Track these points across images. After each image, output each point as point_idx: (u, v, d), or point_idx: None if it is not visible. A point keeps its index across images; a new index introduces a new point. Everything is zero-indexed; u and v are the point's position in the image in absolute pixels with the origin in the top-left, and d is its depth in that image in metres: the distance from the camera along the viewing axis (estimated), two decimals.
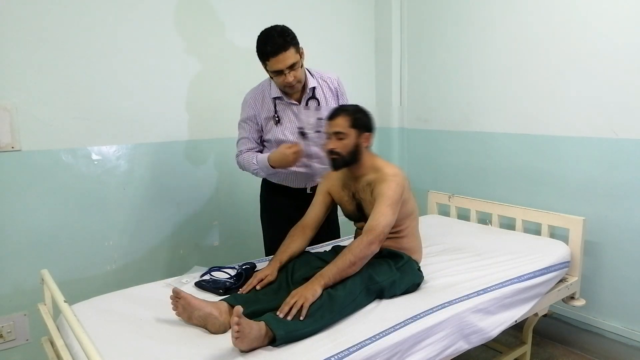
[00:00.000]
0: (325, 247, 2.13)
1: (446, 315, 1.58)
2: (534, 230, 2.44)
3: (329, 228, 2.18)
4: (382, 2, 3.16)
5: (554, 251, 2.12)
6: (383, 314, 1.56)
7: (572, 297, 2.23)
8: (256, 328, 1.33)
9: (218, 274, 1.89)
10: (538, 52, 2.45)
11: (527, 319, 2.13)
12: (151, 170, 2.43)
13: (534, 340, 2.39)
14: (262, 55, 1.86)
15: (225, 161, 2.58)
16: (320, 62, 2.44)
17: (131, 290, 1.77)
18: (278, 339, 1.35)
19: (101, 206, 2.28)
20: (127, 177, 2.35)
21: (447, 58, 2.90)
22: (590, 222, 2.27)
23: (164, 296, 1.60)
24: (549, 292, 2.04)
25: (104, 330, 1.45)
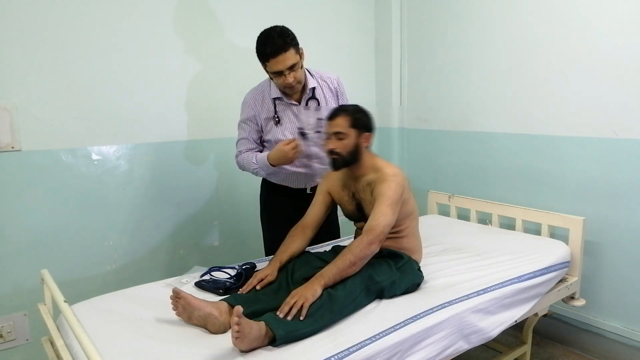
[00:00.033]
0: (325, 247, 2.13)
1: (446, 315, 1.58)
2: (534, 230, 2.44)
3: (329, 228, 2.18)
4: (382, 2, 3.16)
5: (554, 251, 2.12)
6: (383, 314, 1.56)
7: (572, 297, 2.23)
8: (256, 328, 1.33)
9: (218, 274, 1.89)
10: (538, 52, 2.45)
11: (527, 319, 2.13)
12: (151, 170, 2.43)
13: (534, 340, 2.39)
14: (261, 56, 1.86)
15: (225, 161, 2.58)
16: (320, 62, 2.44)
17: (131, 290, 1.77)
18: (278, 339, 1.35)
19: (101, 206, 2.28)
20: (127, 177, 2.35)
21: (447, 58, 2.90)
22: (590, 222, 2.27)
23: (164, 296, 1.60)
24: (549, 292, 2.04)
25: (104, 330, 1.45)
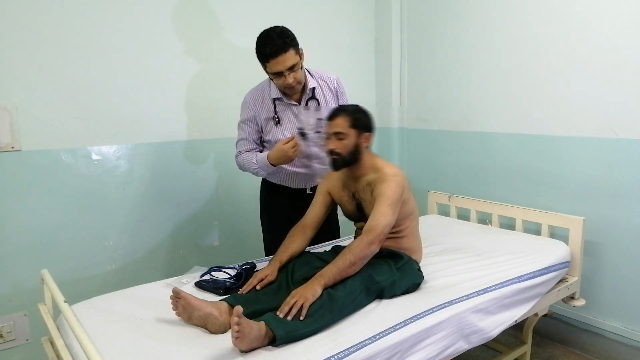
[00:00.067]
0: (325, 247, 2.13)
1: (446, 315, 1.58)
2: (534, 230, 2.44)
3: (329, 228, 2.18)
4: (382, 2, 3.16)
5: (554, 251, 2.12)
6: (383, 314, 1.56)
7: (572, 297, 2.23)
8: (256, 328, 1.33)
9: (218, 274, 1.89)
10: (538, 52, 2.45)
11: (527, 319, 2.13)
12: (151, 170, 2.43)
13: (534, 340, 2.39)
14: (261, 57, 1.86)
15: (225, 161, 2.58)
16: (320, 62, 2.44)
17: (131, 290, 1.77)
18: (278, 339, 1.35)
19: (101, 206, 2.28)
20: (127, 177, 2.35)
21: (447, 58, 2.90)
22: (590, 222, 2.27)
23: (164, 296, 1.60)
24: (549, 292, 2.04)
25: (104, 330, 1.45)
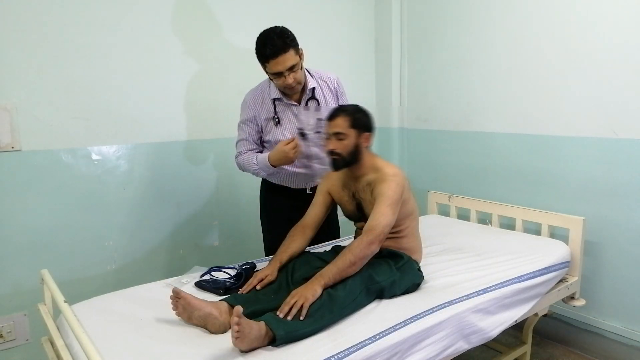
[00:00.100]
0: (325, 247, 2.13)
1: (446, 315, 1.58)
2: (534, 230, 2.44)
3: (329, 228, 2.18)
4: (382, 2, 3.16)
5: (554, 251, 2.12)
6: (383, 314, 1.56)
7: (572, 297, 2.23)
8: (256, 328, 1.33)
9: (218, 274, 1.89)
10: (538, 52, 2.45)
11: (527, 319, 2.13)
12: (151, 170, 2.43)
13: (534, 340, 2.39)
14: (261, 57, 1.86)
15: (225, 161, 2.58)
16: (320, 62, 2.44)
17: (131, 290, 1.77)
18: (278, 339, 1.35)
19: (101, 206, 2.28)
20: (127, 177, 2.35)
21: (447, 58, 2.90)
22: (590, 222, 2.27)
23: (164, 296, 1.60)
24: (549, 292, 2.04)
25: (104, 330, 1.45)
